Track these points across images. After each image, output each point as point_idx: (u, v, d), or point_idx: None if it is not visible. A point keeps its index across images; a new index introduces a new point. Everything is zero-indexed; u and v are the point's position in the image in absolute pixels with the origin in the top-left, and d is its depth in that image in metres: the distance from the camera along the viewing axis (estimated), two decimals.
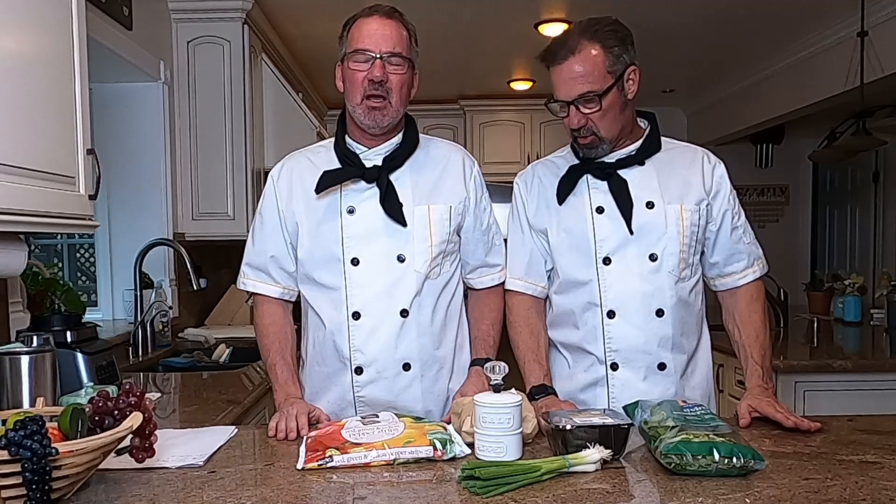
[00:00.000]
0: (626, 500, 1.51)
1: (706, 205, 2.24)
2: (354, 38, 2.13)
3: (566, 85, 2.12)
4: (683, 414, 1.83)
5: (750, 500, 1.48)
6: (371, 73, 2.09)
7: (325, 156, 2.26)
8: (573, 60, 2.10)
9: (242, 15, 4.63)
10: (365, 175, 2.18)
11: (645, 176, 2.22)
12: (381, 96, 2.11)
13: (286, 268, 2.27)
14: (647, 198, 2.20)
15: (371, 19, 2.14)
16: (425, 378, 2.21)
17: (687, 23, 5.31)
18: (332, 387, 2.24)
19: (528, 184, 2.34)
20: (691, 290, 2.25)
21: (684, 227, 2.20)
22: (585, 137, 2.16)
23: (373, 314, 2.17)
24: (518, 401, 1.76)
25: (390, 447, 1.73)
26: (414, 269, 2.18)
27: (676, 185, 2.22)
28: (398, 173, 2.20)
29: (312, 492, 1.56)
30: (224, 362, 4.02)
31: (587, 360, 2.25)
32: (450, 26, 5.30)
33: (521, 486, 1.56)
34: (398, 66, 2.12)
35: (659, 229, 2.19)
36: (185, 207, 4.62)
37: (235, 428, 2.09)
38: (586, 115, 2.12)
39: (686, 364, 2.26)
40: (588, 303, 2.22)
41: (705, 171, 2.26)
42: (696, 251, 2.26)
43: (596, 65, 2.10)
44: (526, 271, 2.31)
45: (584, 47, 2.09)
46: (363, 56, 2.10)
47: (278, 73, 5.25)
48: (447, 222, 2.22)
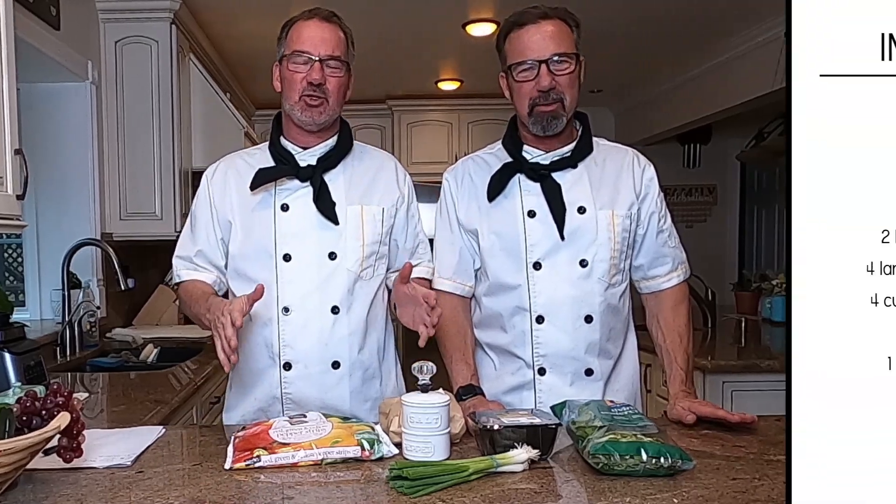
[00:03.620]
0: (553, 499, 1.53)
1: (636, 209, 2.24)
2: (294, 39, 2.16)
3: (541, 43, 2.10)
4: (611, 414, 1.85)
5: (678, 500, 1.49)
6: (310, 75, 2.13)
7: (260, 157, 2.29)
8: (547, 23, 2.11)
9: (170, 15, 4.61)
10: (299, 174, 2.21)
11: (577, 180, 2.22)
12: (319, 97, 2.14)
13: (215, 262, 2.28)
14: (579, 202, 2.19)
15: (311, 22, 2.17)
16: (353, 377, 2.23)
17: (615, 23, 5.36)
18: (260, 383, 2.25)
19: (459, 181, 2.32)
20: (620, 296, 2.26)
21: (615, 234, 2.20)
22: (550, 104, 2.13)
23: (303, 310, 2.19)
24: (446, 401, 1.77)
25: (318, 447, 1.74)
26: (345, 268, 2.21)
27: (608, 189, 2.22)
28: (332, 174, 2.24)
29: (240, 492, 1.57)
30: (152, 362, 4.00)
31: (515, 364, 2.25)
32: (377, 26, 5.31)
33: (449, 486, 1.56)
34: (336, 68, 2.16)
35: (590, 235, 2.19)
36: (113, 207, 4.57)
37: (163, 428, 2.09)
38: (558, 76, 2.11)
39: (612, 368, 2.28)
40: (517, 307, 2.22)
41: (636, 173, 2.27)
42: (627, 256, 2.27)
43: (568, 34, 2.13)
44: (455, 271, 2.31)
45: (555, 19, 2.12)
46: (302, 58, 2.14)
47: (206, 73, 5.24)
48: (380, 223, 2.25)
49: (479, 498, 1.51)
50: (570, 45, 2.12)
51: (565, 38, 2.12)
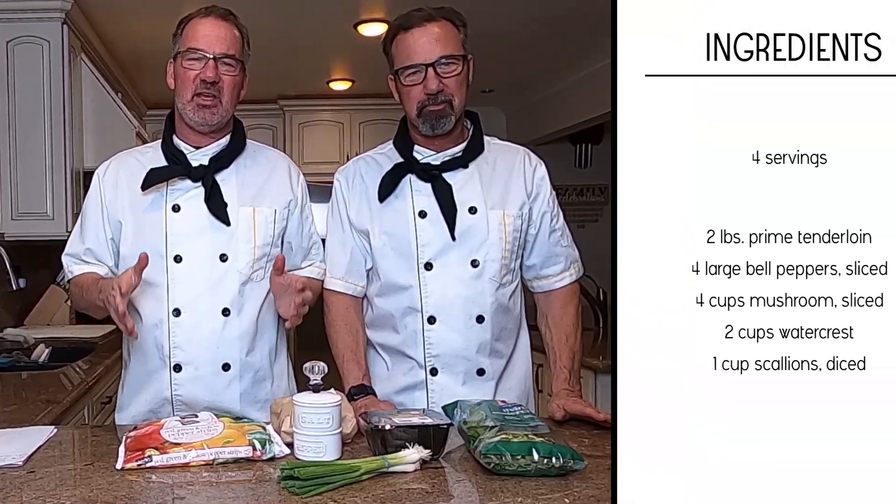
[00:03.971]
0: (445, 499, 1.54)
1: (527, 209, 2.24)
2: (189, 36, 2.16)
3: (427, 46, 2.10)
4: (503, 414, 1.84)
5: (569, 500, 1.50)
6: (204, 73, 2.13)
7: (153, 155, 2.27)
8: (433, 25, 2.10)
9: (62, 15, 4.53)
10: (191, 174, 2.20)
11: (468, 180, 2.22)
12: (212, 95, 2.14)
13: (104, 261, 2.27)
14: (470, 203, 2.19)
15: (207, 20, 2.17)
16: (244, 380, 2.23)
17: (507, 23, 5.34)
18: (150, 385, 2.25)
19: (350, 181, 2.30)
20: (511, 296, 2.26)
21: (506, 234, 2.20)
22: (439, 105, 2.12)
23: (194, 311, 2.19)
24: (337, 401, 1.77)
25: (210, 447, 1.74)
26: (236, 270, 2.21)
27: (499, 189, 2.22)
28: (224, 174, 2.23)
29: (132, 492, 1.57)
30: (43, 362, 3.92)
31: (406, 364, 2.25)
32: (269, 26, 5.18)
33: (341, 486, 1.57)
34: (231, 67, 2.16)
35: (481, 235, 2.19)
36: (4, 207, 4.46)
37: (55, 428, 2.07)
38: (445, 78, 2.10)
39: (504, 367, 2.28)
40: (408, 307, 2.21)
41: (527, 173, 2.27)
42: (518, 256, 2.27)
43: (455, 35, 2.13)
44: (346, 271, 2.29)
45: (441, 21, 2.12)
46: (197, 55, 2.13)
47: (98, 73, 5.16)
48: (272, 225, 2.26)
49: (371, 498, 1.52)
50: (456, 47, 2.13)
51: (452, 40, 2.12)
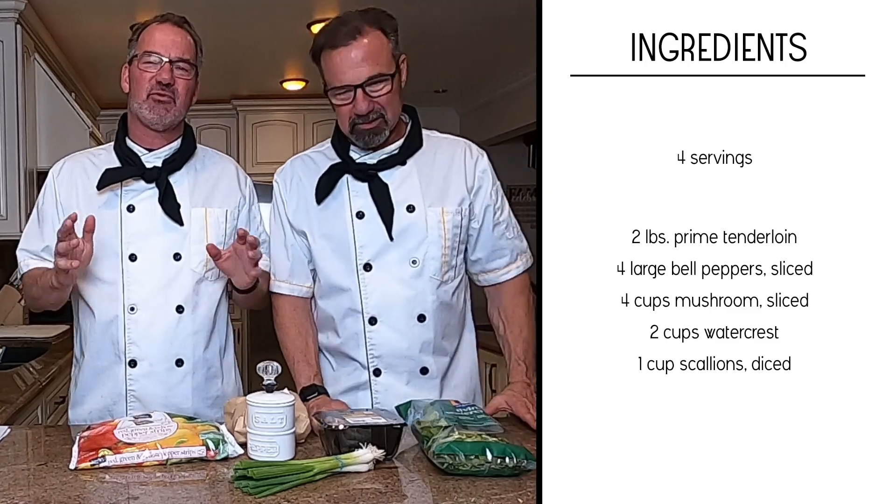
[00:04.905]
0: (399, 499, 1.56)
1: (468, 204, 2.21)
2: (145, 41, 2.22)
3: (355, 68, 2.04)
4: (456, 414, 1.84)
5: (522, 500, 1.51)
6: (159, 75, 2.18)
7: (106, 157, 2.32)
8: (360, 43, 2.03)
9: (15, 15, 4.53)
10: (145, 175, 2.25)
11: (406, 178, 2.19)
12: (168, 95, 2.20)
13: None
14: (407, 201, 2.16)
15: (163, 26, 2.24)
16: (197, 375, 2.28)
17: (460, 23, 5.31)
18: (105, 381, 2.28)
19: (288, 183, 2.28)
20: (454, 292, 2.24)
21: (445, 231, 2.18)
22: (372, 122, 2.08)
23: (149, 309, 2.24)
24: (290, 401, 1.78)
25: (163, 447, 1.75)
26: (190, 269, 2.26)
27: (437, 186, 2.19)
28: (177, 175, 2.29)
29: (86, 492, 1.58)
30: None
31: (350, 366, 2.24)
32: (222, 26, 5.21)
33: (294, 486, 1.58)
34: (185, 70, 2.22)
35: (420, 234, 2.16)
36: None
37: (8, 428, 2.08)
38: (375, 98, 2.05)
39: (448, 365, 2.26)
40: (349, 309, 2.20)
41: (467, 166, 2.23)
42: (459, 252, 2.24)
43: (383, 48, 2.06)
44: (290, 273, 2.28)
45: (368, 32, 2.04)
46: (153, 58, 2.19)
47: (51, 73, 5.16)
48: (223, 225, 2.31)
49: (325, 498, 1.53)
50: (386, 62, 2.07)
51: (381, 56, 2.06)
